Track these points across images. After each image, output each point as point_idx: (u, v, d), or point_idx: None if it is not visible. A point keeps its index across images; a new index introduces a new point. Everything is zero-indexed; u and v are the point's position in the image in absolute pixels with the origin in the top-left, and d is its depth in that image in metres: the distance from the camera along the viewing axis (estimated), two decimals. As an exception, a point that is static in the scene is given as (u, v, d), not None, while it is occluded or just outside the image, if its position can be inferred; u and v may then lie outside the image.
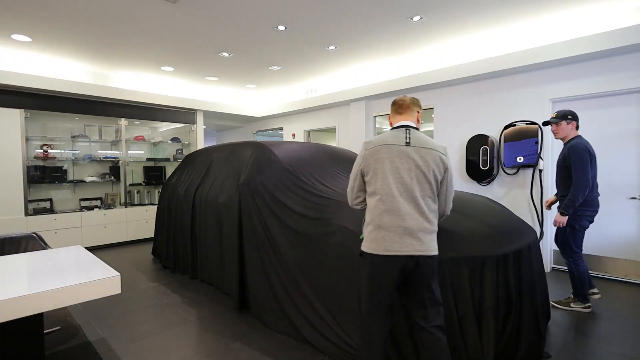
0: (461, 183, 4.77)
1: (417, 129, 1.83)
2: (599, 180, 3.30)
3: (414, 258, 1.65)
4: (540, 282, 2.49)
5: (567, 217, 2.82)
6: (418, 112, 1.89)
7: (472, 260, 2.02)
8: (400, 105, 1.88)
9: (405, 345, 2.00)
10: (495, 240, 2.16)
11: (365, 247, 1.72)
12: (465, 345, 1.96)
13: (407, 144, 1.73)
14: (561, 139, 3.01)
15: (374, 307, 1.71)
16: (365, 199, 1.81)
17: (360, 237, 1.83)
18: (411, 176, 1.68)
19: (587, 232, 3.87)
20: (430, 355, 1.68)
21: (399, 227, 1.64)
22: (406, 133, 1.76)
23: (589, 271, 3.91)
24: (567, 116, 2.90)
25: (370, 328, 1.72)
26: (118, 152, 5.98)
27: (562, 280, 3.79)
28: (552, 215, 4.14)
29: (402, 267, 1.65)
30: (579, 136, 2.91)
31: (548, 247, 4.12)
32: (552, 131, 3.03)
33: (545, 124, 3.07)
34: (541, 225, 4.08)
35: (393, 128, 1.84)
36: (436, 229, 1.74)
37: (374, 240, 1.68)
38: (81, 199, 5.57)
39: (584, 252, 3.79)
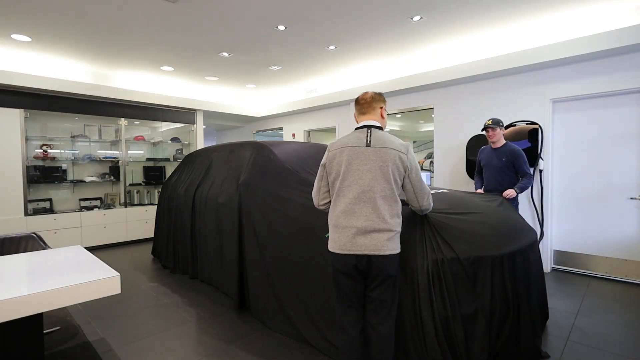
0: (461, 183, 4.77)
1: (380, 127, 1.85)
2: (598, 179, 3.87)
3: (365, 257, 1.69)
4: (538, 281, 2.48)
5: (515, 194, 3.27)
6: (381, 107, 1.90)
7: (471, 261, 2.02)
8: (362, 105, 1.89)
9: (406, 342, 2.00)
10: (494, 241, 2.16)
11: (329, 245, 1.80)
12: (460, 344, 1.96)
13: (368, 145, 1.75)
14: (494, 142, 3.49)
15: (341, 301, 1.82)
16: (330, 200, 1.85)
17: (326, 236, 1.89)
18: (370, 177, 1.71)
19: (587, 232, 3.93)
20: (373, 353, 1.76)
21: (353, 227, 1.70)
22: (367, 134, 1.78)
23: (589, 271, 3.94)
24: (500, 123, 3.43)
25: (343, 320, 1.82)
26: (118, 152, 5.98)
27: (563, 281, 3.79)
28: (552, 215, 4.14)
29: (355, 264, 1.71)
30: (509, 142, 3.52)
31: (548, 247, 4.12)
32: (489, 135, 3.47)
33: (484, 129, 3.50)
34: (541, 225, 4.08)
35: (357, 128, 1.87)
36: (396, 229, 1.74)
37: (333, 240, 1.77)
38: (81, 199, 5.57)
39: (583, 252, 4.00)
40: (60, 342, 2.54)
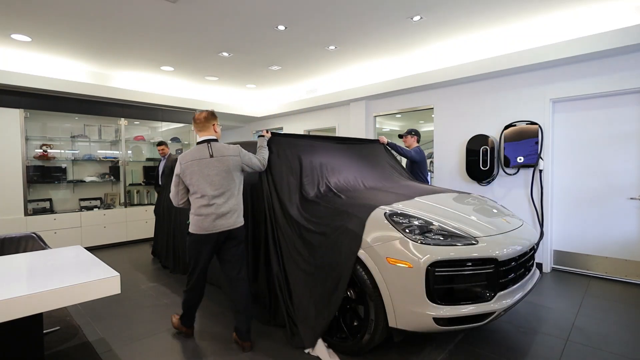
0: (461, 183, 4.77)
1: (216, 139, 2.49)
2: (598, 179, 3.88)
3: (225, 232, 2.38)
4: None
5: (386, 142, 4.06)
6: (214, 124, 2.51)
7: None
8: (198, 124, 2.50)
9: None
10: None
11: (191, 229, 2.40)
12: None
13: (211, 156, 2.38)
14: (407, 146, 4.32)
15: (196, 268, 2.44)
16: (188, 199, 2.46)
17: (187, 222, 2.45)
18: (219, 178, 2.37)
19: (587, 232, 3.94)
20: (238, 296, 2.44)
21: (213, 214, 2.34)
22: (209, 148, 2.41)
23: (589, 271, 3.93)
24: (411, 132, 4.33)
25: (194, 282, 2.46)
26: (118, 152, 5.98)
27: (562, 281, 3.79)
28: (552, 215, 4.15)
29: (216, 239, 2.38)
30: (419, 145, 4.34)
31: (548, 247, 4.12)
32: (403, 140, 4.40)
33: (400, 136, 4.47)
34: (541, 225, 4.08)
35: (198, 143, 2.46)
36: (241, 207, 2.48)
37: (196, 225, 2.37)
38: (81, 199, 5.57)
39: (583, 252, 4.00)
40: (60, 342, 2.54)
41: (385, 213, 2.26)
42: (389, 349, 2.38)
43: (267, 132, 2.91)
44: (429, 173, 5.50)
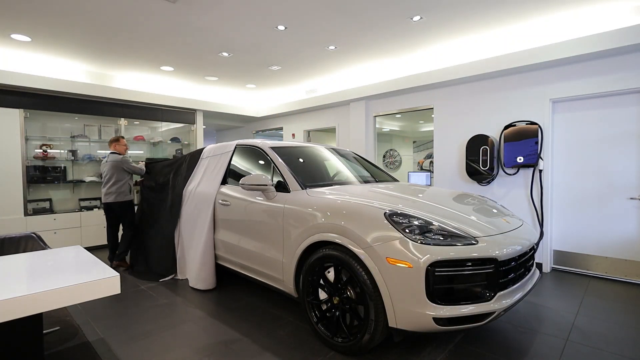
0: (461, 183, 4.77)
1: (117, 153, 4.38)
2: (598, 179, 3.82)
3: (110, 203, 4.30)
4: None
5: None
6: (114, 144, 4.39)
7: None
8: (109, 143, 4.44)
9: None
10: None
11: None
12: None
13: (107, 162, 4.29)
14: None
15: (109, 224, 4.44)
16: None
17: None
18: (111, 172, 4.28)
19: (587, 232, 3.93)
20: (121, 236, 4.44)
21: (104, 193, 4.29)
22: (107, 156, 4.32)
23: (589, 271, 3.93)
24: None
25: (107, 231, 4.46)
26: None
27: (562, 281, 3.79)
28: (552, 215, 4.14)
29: (107, 207, 4.34)
30: None
31: (548, 247, 4.13)
32: None
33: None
34: (541, 225, 4.08)
35: (110, 153, 4.39)
36: (123, 191, 4.35)
37: (103, 199, 4.30)
38: (80, 199, 5.57)
39: (583, 252, 3.99)
40: (60, 342, 2.54)
41: (385, 213, 2.26)
42: (389, 349, 2.39)
43: (142, 162, 4.81)
44: (429, 173, 5.51)
